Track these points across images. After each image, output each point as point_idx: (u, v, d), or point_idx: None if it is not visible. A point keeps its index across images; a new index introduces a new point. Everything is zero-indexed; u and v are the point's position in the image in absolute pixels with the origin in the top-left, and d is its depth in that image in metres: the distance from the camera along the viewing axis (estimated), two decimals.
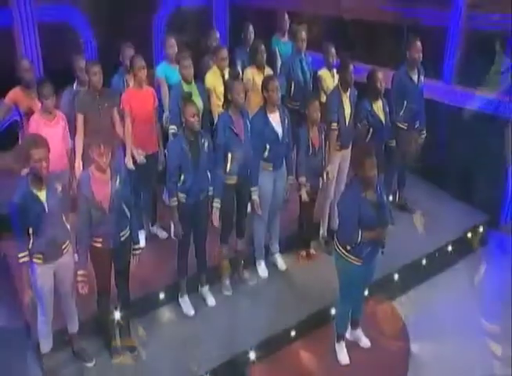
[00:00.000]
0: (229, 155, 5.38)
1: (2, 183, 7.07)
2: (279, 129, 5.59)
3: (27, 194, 4.24)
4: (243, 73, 6.65)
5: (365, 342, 5.49)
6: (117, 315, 5.09)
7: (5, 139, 7.02)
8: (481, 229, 7.35)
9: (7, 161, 7.59)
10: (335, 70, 6.69)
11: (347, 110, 6.13)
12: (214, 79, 6.37)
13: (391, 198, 7.36)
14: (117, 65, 6.50)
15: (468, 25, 7.79)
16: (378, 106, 6.26)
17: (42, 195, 4.30)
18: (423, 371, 5.48)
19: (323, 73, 6.95)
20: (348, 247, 4.72)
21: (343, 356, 5.33)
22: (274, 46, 7.66)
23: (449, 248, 6.94)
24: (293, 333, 5.54)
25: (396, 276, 6.36)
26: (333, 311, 5.64)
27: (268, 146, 5.56)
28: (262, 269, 6.19)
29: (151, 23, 8.41)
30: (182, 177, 5.10)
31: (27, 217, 4.26)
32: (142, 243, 5.77)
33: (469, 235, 7.19)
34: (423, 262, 6.66)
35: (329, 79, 6.87)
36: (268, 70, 6.61)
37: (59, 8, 7.84)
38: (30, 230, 4.33)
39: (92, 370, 5.01)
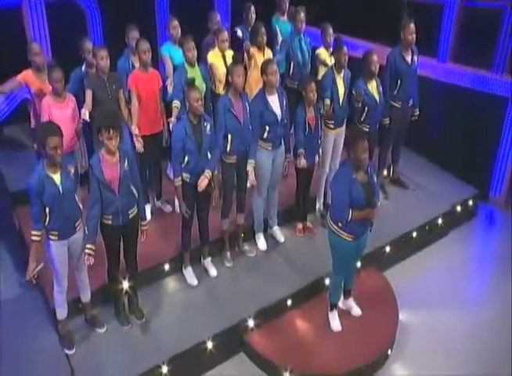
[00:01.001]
0: (229, 136, 5.63)
1: (15, 158, 7.46)
2: (277, 111, 5.80)
3: (43, 177, 4.52)
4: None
5: (356, 311, 5.79)
6: (126, 285, 5.38)
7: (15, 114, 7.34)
8: (470, 202, 7.61)
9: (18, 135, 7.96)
10: (331, 50, 6.90)
11: (341, 90, 6.34)
12: (215, 59, 6.63)
13: (385, 173, 7.63)
14: (123, 47, 6.68)
15: (464, 2, 7.90)
16: (372, 86, 6.48)
17: (57, 178, 4.58)
18: (410, 338, 5.82)
19: (321, 51, 7.17)
20: (340, 224, 4.97)
21: (335, 324, 5.62)
22: (274, 24, 7.85)
23: (440, 221, 7.19)
24: (289, 302, 5.82)
25: (388, 248, 6.63)
26: (327, 281, 5.92)
27: (267, 127, 5.79)
28: (261, 242, 6.48)
29: (154, 2, 8.51)
30: (186, 158, 5.35)
31: (43, 198, 4.55)
32: (148, 216, 6.09)
33: (459, 208, 7.44)
34: (414, 234, 6.92)
35: (328, 58, 7.10)
36: (268, 51, 6.84)
37: None
38: (47, 210, 4.62)
39: (103, 336, 5.34)
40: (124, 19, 6.79)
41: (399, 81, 6.81)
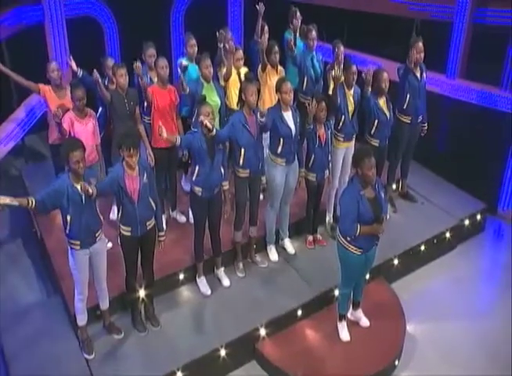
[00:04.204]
0: (242, 150, 5.80)
1: (35, 169, 7.70)
2: (292, 126, 5.96)
3: (68, 185, 4.74)
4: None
5: (364, 322, 5.93)
6: (142, 293, 5.57)
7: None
8: (478, 217, 7.67)
9: None
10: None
11: (351, 107, 6.53)
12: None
13: (394, 187, 7.76)
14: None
15: (473, 20, 8.03)
16: (383, 102, 6.67)
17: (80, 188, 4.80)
18: (417, 349, 5.95)
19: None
20: (348, 238, 5.13)
21: (344, 334, 5.77)
22: (287, 37, 7.95)
23: (447, 235, 7.26)
24: (299, 312, 5.96)
25: (396, 261, 6.74)
26: (336, 293, 6.04)
27: (281, 141, 5.94)
28: (273, 253, 6.64)
29: (169, 18, 8.71)
30: (197, 170, 5.54)
31: (66, 205, 4.76)
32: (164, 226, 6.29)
33: (467, 222, 7.50)
34: (422, 247, 7.02)
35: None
36: (281, 69, 7.03)
37: (85, 2, 8.16)
38: (68, 218, 4.82)
39: (121, 342, 5.52)
40: (141, 35, 6.96)
41: (409, 97, 6.94)
